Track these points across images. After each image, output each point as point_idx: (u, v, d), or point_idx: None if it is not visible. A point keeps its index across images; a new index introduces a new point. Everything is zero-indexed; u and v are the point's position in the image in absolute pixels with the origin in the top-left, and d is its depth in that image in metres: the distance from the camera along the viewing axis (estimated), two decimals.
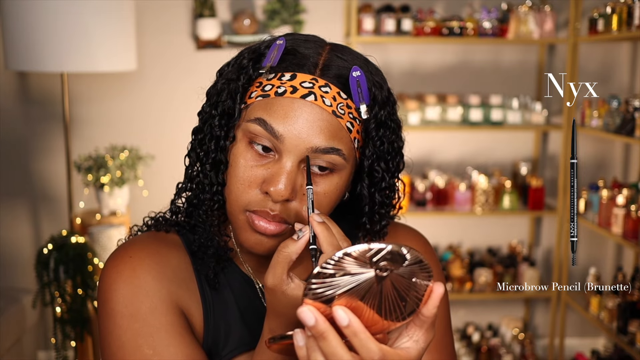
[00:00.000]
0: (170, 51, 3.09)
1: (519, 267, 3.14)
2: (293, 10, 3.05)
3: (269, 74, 0.81)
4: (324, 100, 0.78)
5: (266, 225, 0.80)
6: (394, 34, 2.93)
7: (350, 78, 0.80)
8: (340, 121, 0.79)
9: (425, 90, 3.18)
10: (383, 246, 0.61)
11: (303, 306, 0.61)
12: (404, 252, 0.62)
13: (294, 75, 0.79)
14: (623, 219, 2.63)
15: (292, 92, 0.78)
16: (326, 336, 0.61)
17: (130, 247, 0.87)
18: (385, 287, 0.62)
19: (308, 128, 0.77)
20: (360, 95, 0.80)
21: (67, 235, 2.42)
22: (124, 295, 0.82)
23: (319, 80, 0.79)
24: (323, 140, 0.78)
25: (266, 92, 0.80)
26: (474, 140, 3.28)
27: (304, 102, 0.78)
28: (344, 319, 0.61)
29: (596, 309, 2.84)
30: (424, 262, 0.63)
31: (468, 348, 3.19)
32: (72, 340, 2.42)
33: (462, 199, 3.05)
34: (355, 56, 0.85)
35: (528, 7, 2.98)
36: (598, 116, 2.85)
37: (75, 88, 3.01)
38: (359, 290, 0.62)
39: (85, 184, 2.86)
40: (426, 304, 0.65)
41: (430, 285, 0.64)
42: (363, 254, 0.61)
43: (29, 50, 2.39)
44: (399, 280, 0.63)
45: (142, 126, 3.11)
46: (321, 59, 0.81)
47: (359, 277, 0.61)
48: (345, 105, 0.80)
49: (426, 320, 0.65)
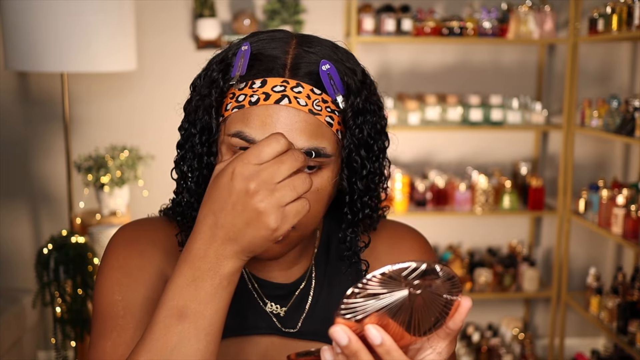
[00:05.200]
0: (170, 51, 3.09)
1: (519, 267, 3.14)
2: (293, 10, 3.05)
3: (239, 84, 0.80)
4: (298, 101, 0.77)
5: None
6: (394, 34, 2.93)
7: (321, 72, 0.79)
8: (319, 118, 0.78)
9: (425, 90, 3.18)
10: (418, 265, 0.61)
11: (335, 325, 0.62)
12: (437, 269, 0.62)
13: (264, 81, 0.78)
14: (623, 219, 2.63)
15: (265, 99, 0.77)
16: (359, 355, 0.62)
17: (139, 221, 0.92)
18: (416, 304, 0.63)
19: (288, 132, 0.76)
20: (334, 87, 0.79)
21: (67, 235, 2.42)
22: (119, 253, 0.86)
23: (290, 82, 0.78)
24: (305, 141, 0.77)
25: (240, 102, 0.79)
26: (474, 140, 3.28)
27: (279, 107, 0.77)
28: (377, 337, 0.61)
29: (596, 309, 2.84)
30: (455, 278, 0.64)
31: (468, 348, 3.19)
32: (72, 340, 2.42)
33: (462, 199, 3.05)
34: (323, 45, 0.83)
35: (528, 7, 2.98)
36: (598, 116, 2.85)
37: (75, 88, 3.01)
38: (391, 308, 0.62)
39: (85, 184, 2.86)
40: (453, 317, 0.65)
41: (458, 300, 0.65)
42: (398, 272, 0.61)
43: (29, 50, 2.39)
44: (430, 297, 0.63)
45: (142, 126, 3.12)
46: (289, 57, 0.80)
47: (392, 296, 0.62)
48: (321, 100, 0.79)
49: (451, 332, 0.66)
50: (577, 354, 3.15)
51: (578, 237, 3.32)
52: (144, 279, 0.84)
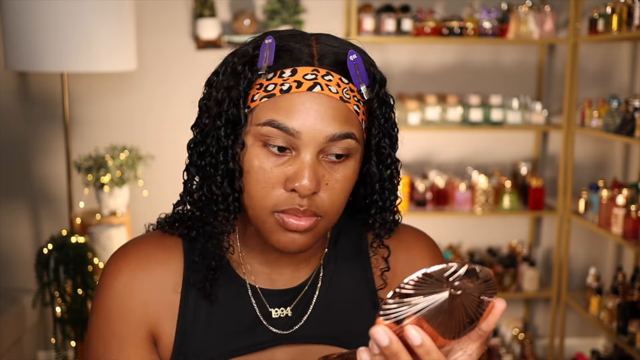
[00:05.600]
0: (170, 51, 3.09)
1: (518, 267, 3.14)
2: (293, 10, 3.05)
3: (267, 74, 0.80)
4: (329, 89, 0.79)
5: (298, 222, 0.80)
6: (394, 34, 2.93)
7: (348, 62, 0.81)
8: (348, 105, 0.80)
9: (425, 90, 3.18)
10: (460, 266, 0.62)
11: (376, 326, 0.62)
12: (477, 270, 0.63)
13: (295, 70, 0.79)
14: (623, 219, 2.63)
15: (297, 87, 0.78)
16: (400, 356, 0.62)
17: (128, 248, 0.90)
18: (454, 305, 0.63)
19: (321, 118, 0.78)
20: (359, 77, 0.81)
21: (67, 235, 2.42)
22: (102, 295, 0.86)
23: (320, 70, 0.79)
24: (337, 127, 0.78)
25: (270, 92, 0.79)
26: (474, 140, 3.28)
27: (312, 94, 0.78)
28: (417, 338, 0.62)
29: (596, 309, 2.84)
30: (492, 280, 0.64)
31: None
32: (72, 340, 2.42)
33: (462, 199, 3.05)
34: (341, 41, 0.85)
35: (528, 7, 2.98)
36: (598, 116, 2.85)
37: (75, 88, 3.01)
38: (431, 309, 0.62)
39: (85, 184, 2.86)
40: (486, 319, 0.65)
41: (492, 301, 0.65)
42: (440, 273, 0.61)
43: (29, 50, 2.39)
44: (468, 298, 0.63)
45: (142, 126, 3.12)
46: (314, 49, 0.82)
47: (434, 297, 0.62)
48: (349, 89, 0.80)
49: (483, 334, 0.66)
50: (577, 354, 3.15)
51: (578, 237, 3.32)
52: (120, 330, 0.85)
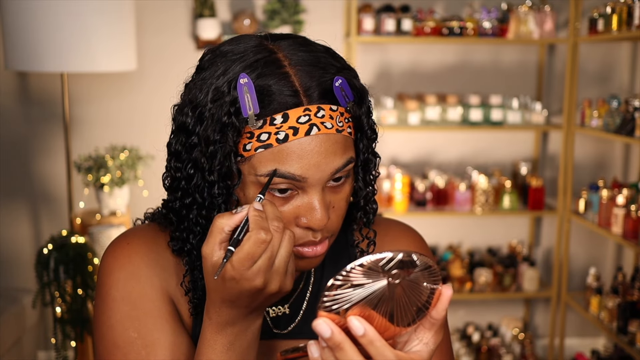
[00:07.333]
0: (170, 51, 3.09)
1: (519, 267, 3.14)
2: (293, 10, 3.05)
3: (256, 122, 0.76)
4: (325, 126, 0.77)
5: (314, 250, 0.81)
6: (394, 34, 2.93)
7: (335, 89, 0.78)
8: (344, 133, 0.79)
9: (425, 90, 3.18)
10: (395, 255, 0.62)
11: (318, 318, 0.63)
12: (414, 258, 0.63)
13: (286, 115, 0.76)
14: (623, 219, 2.63)
15: (294, 134, 0.75)
16: (343, 347, 0.63)
17: (129, 235, 0.89)
18: (396, 294, 0.63)
19: (324, 157, 0.77)
20: (345, 97, 0.79)
21: (67, 235, 2.42)
22: (117, 279, 0.85)
23: (311, 108, 0.76)
24: (339, 160, 0.78)
25: (264, 142, 0.76)
26: (474, 140, 3.28)
27: (310, 137, 0.76)
28: (360, 328, 0.62)
29: (596, 309, 2.84)
30: (433, 267, 0.64)
31: (468, 348, 3.19)
32: (72, 340, 2.42)
33: (462, 199, 3.05)
34: (315, 56, 0.80)
35: (528, 7, 2.98)
36: (598, 116, 2.85)
37: (75, 88, 3.01)
38: (371, 299, 0.63)
39: (85, 184, 2.86)
40: (436, 306, 0.66)
41: (439, 288, 0.66)
42: (375, 263, 0.62)
43: (29, 50, 2.39)
44: (409, 286, 0.64)
45: (142, 126, 3.12)
46: (294, 80, 0.77)
47: (371, 287, 0.62)
48: (339, 114, 0.78)
49: (435, 322, 0.66)
50: (577, 354, 3.15)
51: (578, 237, 3.32)
52: (150, 308, 0.84)
